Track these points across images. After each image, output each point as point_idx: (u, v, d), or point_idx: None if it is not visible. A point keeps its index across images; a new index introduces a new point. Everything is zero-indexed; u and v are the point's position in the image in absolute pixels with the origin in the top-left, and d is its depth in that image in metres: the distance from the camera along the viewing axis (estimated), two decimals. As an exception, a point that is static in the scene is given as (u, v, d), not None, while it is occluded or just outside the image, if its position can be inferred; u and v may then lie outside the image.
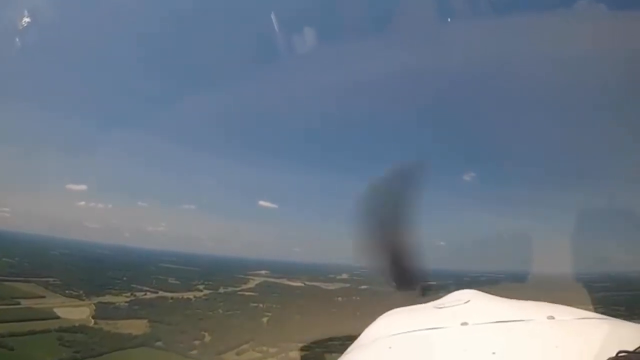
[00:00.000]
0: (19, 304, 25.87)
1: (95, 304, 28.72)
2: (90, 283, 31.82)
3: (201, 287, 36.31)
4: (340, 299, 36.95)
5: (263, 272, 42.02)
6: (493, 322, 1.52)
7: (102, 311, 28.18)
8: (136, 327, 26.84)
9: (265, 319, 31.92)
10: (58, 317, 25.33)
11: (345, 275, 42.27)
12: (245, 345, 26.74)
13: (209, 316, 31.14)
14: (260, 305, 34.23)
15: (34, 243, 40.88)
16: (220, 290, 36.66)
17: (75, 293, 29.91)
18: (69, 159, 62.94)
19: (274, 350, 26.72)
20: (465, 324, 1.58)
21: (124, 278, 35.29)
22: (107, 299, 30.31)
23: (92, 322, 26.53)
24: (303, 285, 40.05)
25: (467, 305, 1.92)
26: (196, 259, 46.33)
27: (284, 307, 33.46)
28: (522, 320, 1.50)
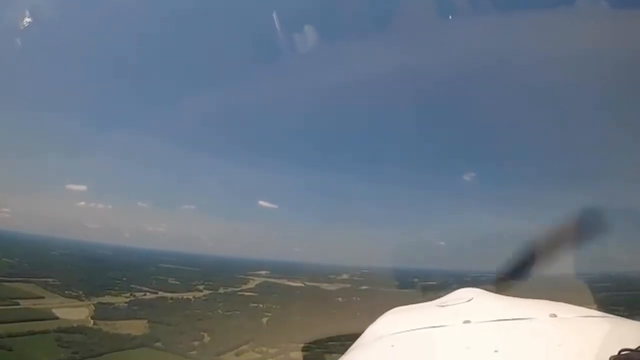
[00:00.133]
0: (18, 304, 25.87)
1: (94, 305, 28.72)
2: (90, 283, 31.80)
3: (201, 288, 36.29)
4: (340, 299, 36.87)
5: (263, 273, 42.00)
6: (495, 321, 1.53)
7: (102, 312, 28.17)
8: (135, 328, 26.79)
9: (265, 319, 31.83)
10: (57, 318, 25.34)
11: (345, 276, 42.25)
12: (244, 346, 26.66)
13: (208, 316, 31.07)
14: (260, 305, 34.17)
15: (34, 243, 40.93)
16: (220, 290, 36.62)
17: (74, 293, 29.90)
18: (69, 160, 63.21)
19: (274, 350, 26.62)
20: (467, 322, 1.58)
21: (124, 278, 35.27)
22: (107, 299, 30.31)
23: (91, 323, 26.49)
24: (303, 285, 39.99)
25: (470, 303, 1.93)
26: (196, 259, 46.35)
27: (283, 308, 33.38)
28: (525, 318, 1.50)
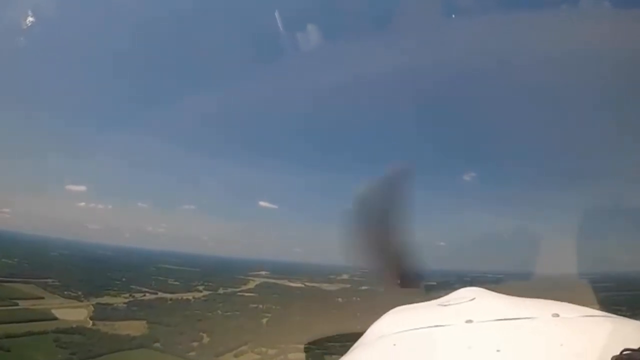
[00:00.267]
0: (17, 305, 25.83)
1: (93, 305, 28.67)
2: (90, 284, 31.78)
3: (201, 288, 36.25)
4: (340, 299, 36.83)
5: (263, 273, 41.96)
6: (498, 320, 1.53)
7: (101, 312, 28.11)
8: (134, 329, 26.75)
9: (264, 320, 31.79)
10: (56, 319, 25.29)
11: (345, 276, 42.17)
12: (244, 347, 26.61)
13: (208, 317, 31.02)
14: (260, 306, 34.13)
15: (33, 244, 40.92)
16: (220, 291, 36.59)
17: (74, 294, 29.87)
18: (69, 160, 63.12)
19: (273, 351, 26.58)
20: (469, 321, 1.58)
21: (123, 279, 35.24)
22: (106, 300, 30.24)
23: (90, 324, 26.42)
24: (303, 286, 39.95)
25: (472, 302, 1.92)
26: (196, 259, 46.29)
27: (283, 308, 33.36)
28: (527, 318, 1.51)
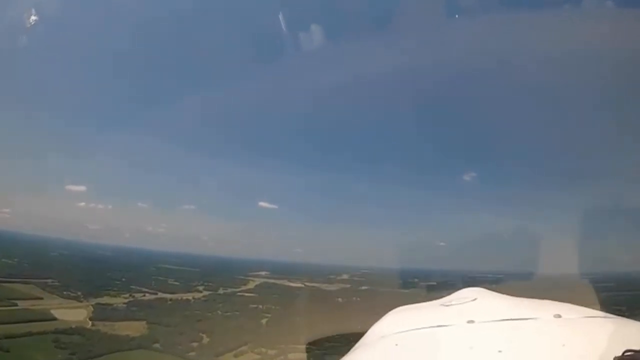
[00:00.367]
0: (16, 305, 25.77)
1: (93, 305, 28.59)
2: (89, 284, 31.71)
3: (200, 288, 36.18)
4: (340, 299, 36.76)
5: (263, 273, 41.88)
6: (500, 320, 1.53)
7: (100, 312, 28.04)
8: (134, 329, 26.69)
9: (264, 320, 31.73)
10: (55, 319, 25.23)
11: (345, 276, 42.12)
12: (243, 347, 26.56)
13: (207, 317, 30.97)
14: (260, 306, 34.06)
15: (33, 244, 40.85)
16: (220, 291, 36.51)
17: (73, 294, 29.80)
18: (69, 160, 63.09)
19: (273, 352, 26.52)
20: (471, 321, 1.59)
21: (123, 279, 35.18)
22: (105, 300, 30.18)
23: (90, 324, 26.36)
24: (303, 286, 39.85)
25: (474, 303, 1.91)
26: (196, 259, 46.21)
27: (283, 309, 33.27)
28: (529, 318, 1.51)
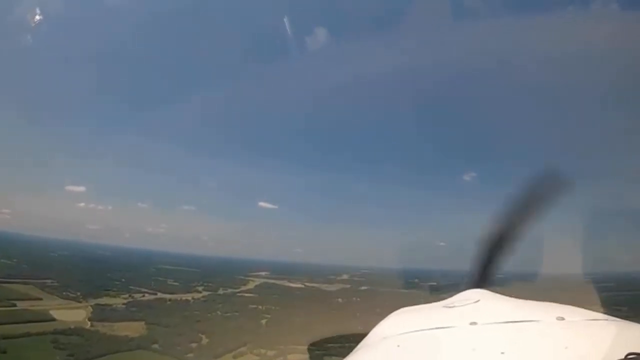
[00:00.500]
0: (15, 306, 25.72)
1: (92, 306, 28.55)
2: (89, 284, 31.66)
3: (200, 289, 36.11)
4: (340, 300, 36.67)
5: (263, 274, 41.83)
6: (502, 322, 1.53)
7: (99, 313, 27.98)
8: (133, 330, 26.59)
9: (264, 320, 31.61)
10: (54, 320, 25.17)
11: (345, 276, 42.08)
12: (243, 348, 26.44)
13: (207, 318, 30.86)
14: (260, 306, 33.96)
15: (33, 244, 40.89)
16: (220, 291, 36.44)
17: (72, 295, 29.75)
18: (69, 161, 63.28)
19: (272, 352, 26.40)
20: (474, 323, 1.58)
21: (123, 279, 35.13)
22: (105, 300, 30.14)
23: (89, 324, 26.28)
24: (303, 286, 39.80)
25: (477, 305, 1.90)
26: (196, 260, 46.21)
27: (283, 309, 33.17)
28: (532, 320, 1.51)
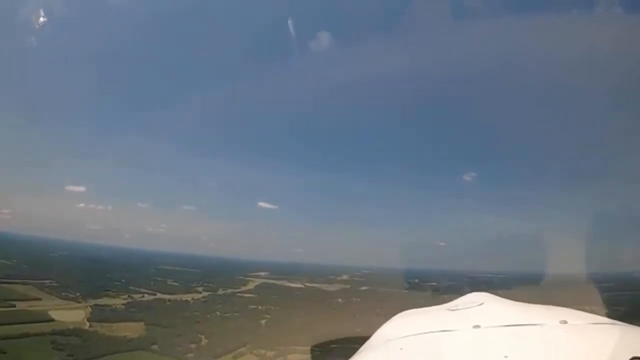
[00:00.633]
0: (14, 306, 25.67)
1: (91, 307, 28.46)
2: (88, 285, 31.64)
3: (200, 289, 36.06)
4: (340, 300, 36.60)
5: (263, 274, 41.77)
6: (506, 326, 1.53)
7: (98, 313, 27.88)
8: (132, 330, 26.51)
9: (264, 321, 31.53)
10: (53, 320, 25.10)
11: (345, 276, 42.02)
12: (242, 349, 26.35)
13: (206, 319, 30.78)
14: (259, 307, 33.88)
15: (32, 244, 40.88)
16: (219, 292, 36.38)
17: (71, 295, 29.69)
18: (69, 161, 63.24)
19: (272, 353, 26.31)
20: (477, 326, 1.58)
21: (122, 280, 35.10)
22: (104, 301, 30.06)
23: (87, 325, 26.18)
24: (303, 286, 39.73)
25: (480, 308, 1.91)
26: (196, 260, 46.17)
27: (283, 309, 33.10)
28: (535, 324, 1.50)
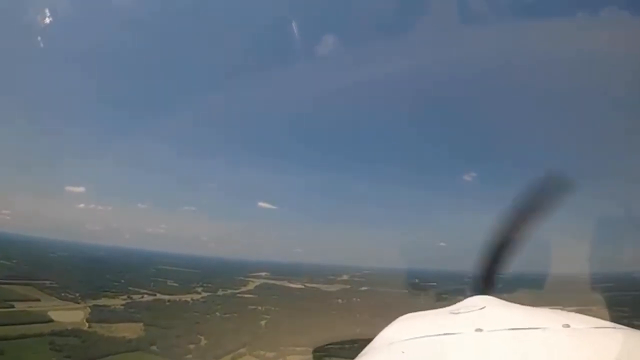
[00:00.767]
0: (13, 307, 25.65)
1: (90, 307, 28.44)
2: (88, 285, 31.62)
3: (199, 290, 36.03)
4: (340, 300, 36.54)
5: (263, 274, 41.76)
6: (508, 330, 1.53)
7: (97, 314, 27.86)
8: (131, 331, 26.43)
9: (263, 321, 31.45)
10: (51, 321, 25.05)
11: (345, 277, 42.00)
12: (242, 349, 26.26)
13: (206, 319, 30.70)
14: (259, 307, 33.82)
15: (32, 245, 40.93)
16: (219, 292, 36.35)
17: (71, 296, 29.69)
18: (69, 161, 63.38)
19: (272, 354, 26.20)
20: (479, 330, 1.57)
21: (122, 280, 35.10)
22: (103, 301, 30.06)
23: (86, 326, 26.12)
24: (303, 287, 39.69)
25: (483, 311, 1.89)
26: (196, 260, 46.21)
27: (283, 310, 33.04)
28: (538, 328, 1.50)
